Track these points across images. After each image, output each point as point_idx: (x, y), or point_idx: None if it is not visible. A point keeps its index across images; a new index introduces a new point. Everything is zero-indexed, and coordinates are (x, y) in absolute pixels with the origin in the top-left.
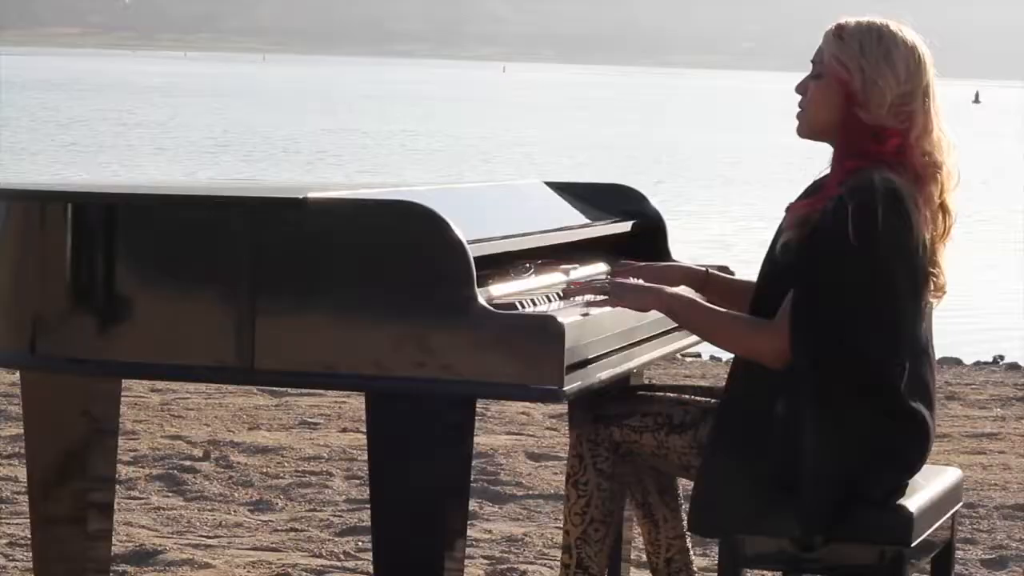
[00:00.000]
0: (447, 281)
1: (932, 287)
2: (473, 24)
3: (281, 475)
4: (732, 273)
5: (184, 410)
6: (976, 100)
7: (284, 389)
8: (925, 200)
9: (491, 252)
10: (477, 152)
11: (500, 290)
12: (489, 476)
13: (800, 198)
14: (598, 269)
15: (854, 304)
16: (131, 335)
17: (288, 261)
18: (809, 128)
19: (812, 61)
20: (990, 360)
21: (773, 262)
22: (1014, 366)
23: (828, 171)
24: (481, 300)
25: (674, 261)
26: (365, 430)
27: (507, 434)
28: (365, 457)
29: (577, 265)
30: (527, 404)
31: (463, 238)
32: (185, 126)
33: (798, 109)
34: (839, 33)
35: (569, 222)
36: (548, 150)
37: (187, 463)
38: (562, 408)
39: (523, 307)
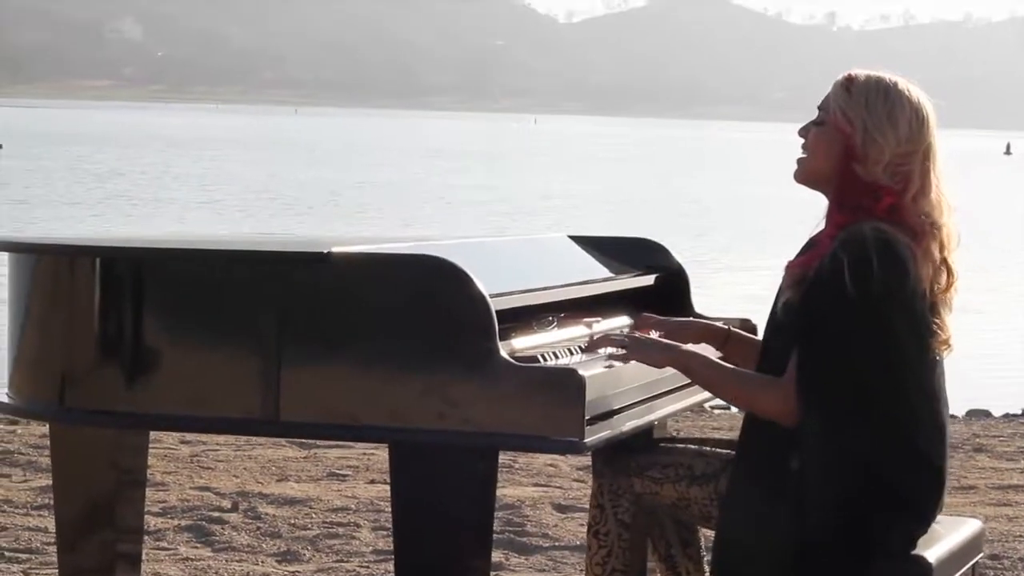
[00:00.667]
0: (469, 334)
1: (937, 339)
2: (502, 76)
3: (309, 526)
4: (754, 327)
5: (213, 461)
6: (1007, 152)
7: (312, 441)
8: (924, 254)
9: (514, 305)
10: (514, 205)
11: (522, 343)
12: (515, 527)
13: (797, 255)
14: (621, 322)
15: (859, 355)
16: (158, 387)
17: (313, 314)
18: (806, 175)
19: (818, 107)
20: (1019, 412)
21: (775, 322)
22: None
23: (822, 226)
24: (503, 353)
25: (698, 316)
26: None
27: (534, 485)
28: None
29: (600, 318)
30: (553, 456)
31: (485, 292)
32: (225, 179)
33: (800, 153)
34: (847, 85)
35: (592, 275)
36: (585, 202)
37: (215, 514)
38: (589, 460)
39: (545, 360)
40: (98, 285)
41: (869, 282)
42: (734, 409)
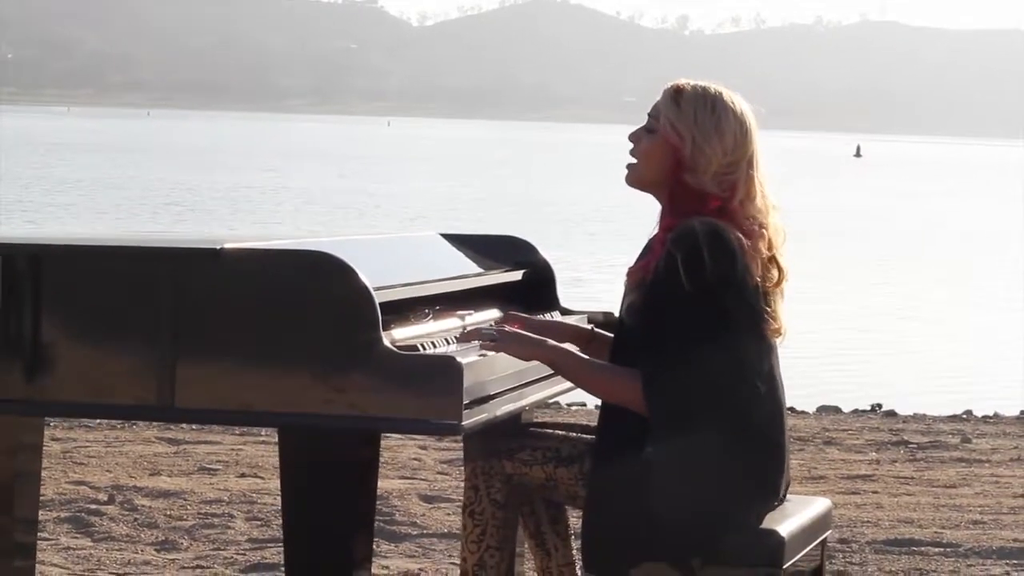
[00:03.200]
0: (354, 325)
1: (770, 326)
2: (356, 79)
3: (184, 517)
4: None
5: (85, 457)
6: (857, 154)
7: (182, 437)
8: (753, 250)
9: (393, 298)
10: (371, 206)
11: (402, 333)
12: (384, 516)
13: (636, 261)
14: (492, 315)
15: (700, 343)
16: (58, 377)
17: (207, 307)
18: (638, 180)
19: (649, 114)
20: (868, 408)
21: (622, 324)
22: (891, 413)
23: (657, 230)
24: (386, 342)
25: (564, 310)
26: (263, 475)
27: (400, 478)
28: (264, 500)
29: (472, 311)
30: (419, 450)
31: (369, 285)
32: (111, 185)
33: (630, 159)
34: (676, 97)
35: (464, 271)
36: (439, 203)
37: (93, 506)
38: (452, 454)
39: (424, 349)
40: None
41: (703, 273)
42: (590, 405)
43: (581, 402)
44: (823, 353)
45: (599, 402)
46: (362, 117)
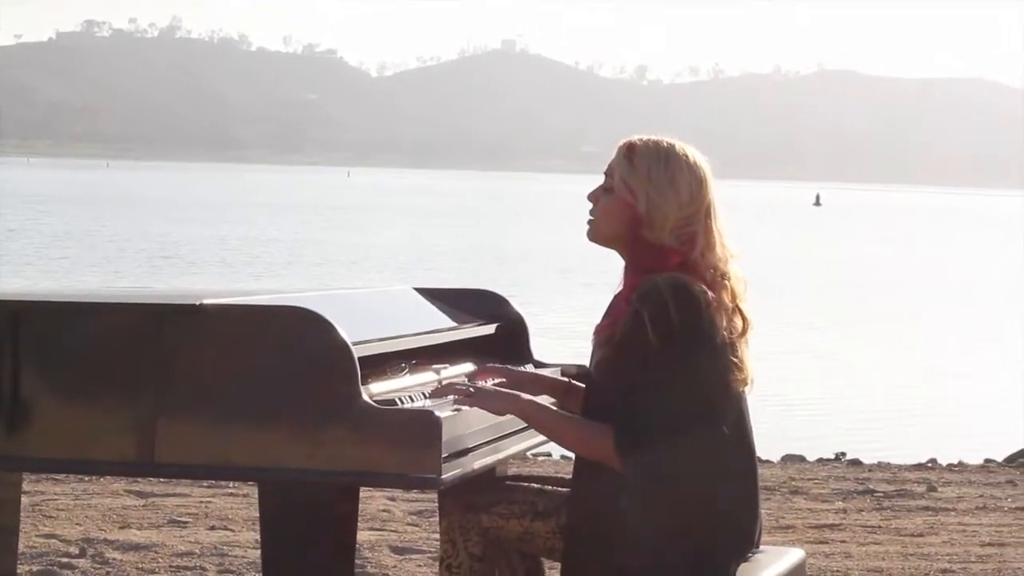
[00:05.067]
0: (334, 379)
1: (736, 377)
2: (315, 129)
3: (156, 570)
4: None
5: (55, 510)
6: (817, 203)
7: (151, 490)
8: (717, 302)
9: (371, 353)
10: (337, 257)
11: (379, 388)
12: (356, 569)
13: (603, 318)
14: (467, 369)
15: (672, 397)
16: (38, 432)
17: (186, 362)
18: (598, 237)
19: (605, 172)
20: (832, 457)
21: (591, 381)
22: (855, 462)
23: (621, 287)
24: (365, 397)
25: (537, 362)
26: (233, 527)
27: (370, 529)
28: (235, 553)
29: (447, 365)
30: (388, 501)
31: (348, 340)
32: (85, 236)
33: (589, 216)
34: (629, 155)
35: (438, 325)
36: (414, 254)
37: (64, 559)
38: (421, 505)
39: (402, 403)
40: None
41: (671, 329)
42: (556, 456)
43: (547, 452)
44: (786, 402)
45: (565, 452)
46: (321, 167)
